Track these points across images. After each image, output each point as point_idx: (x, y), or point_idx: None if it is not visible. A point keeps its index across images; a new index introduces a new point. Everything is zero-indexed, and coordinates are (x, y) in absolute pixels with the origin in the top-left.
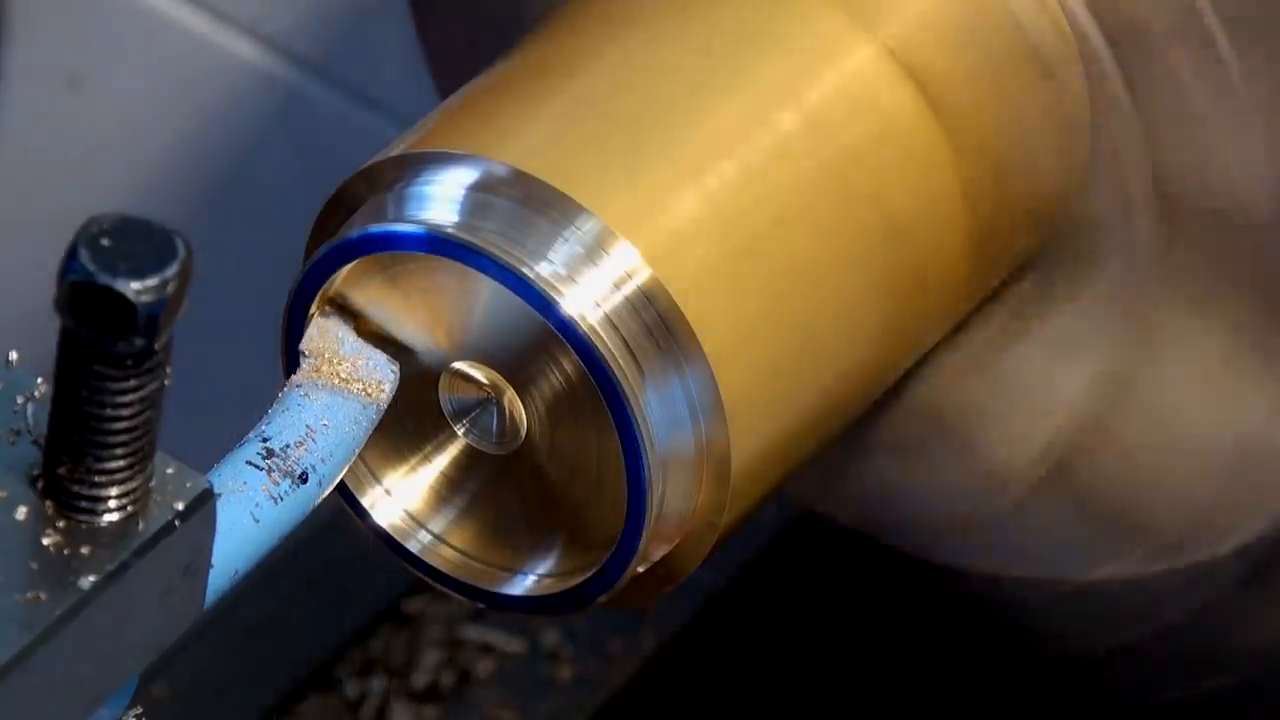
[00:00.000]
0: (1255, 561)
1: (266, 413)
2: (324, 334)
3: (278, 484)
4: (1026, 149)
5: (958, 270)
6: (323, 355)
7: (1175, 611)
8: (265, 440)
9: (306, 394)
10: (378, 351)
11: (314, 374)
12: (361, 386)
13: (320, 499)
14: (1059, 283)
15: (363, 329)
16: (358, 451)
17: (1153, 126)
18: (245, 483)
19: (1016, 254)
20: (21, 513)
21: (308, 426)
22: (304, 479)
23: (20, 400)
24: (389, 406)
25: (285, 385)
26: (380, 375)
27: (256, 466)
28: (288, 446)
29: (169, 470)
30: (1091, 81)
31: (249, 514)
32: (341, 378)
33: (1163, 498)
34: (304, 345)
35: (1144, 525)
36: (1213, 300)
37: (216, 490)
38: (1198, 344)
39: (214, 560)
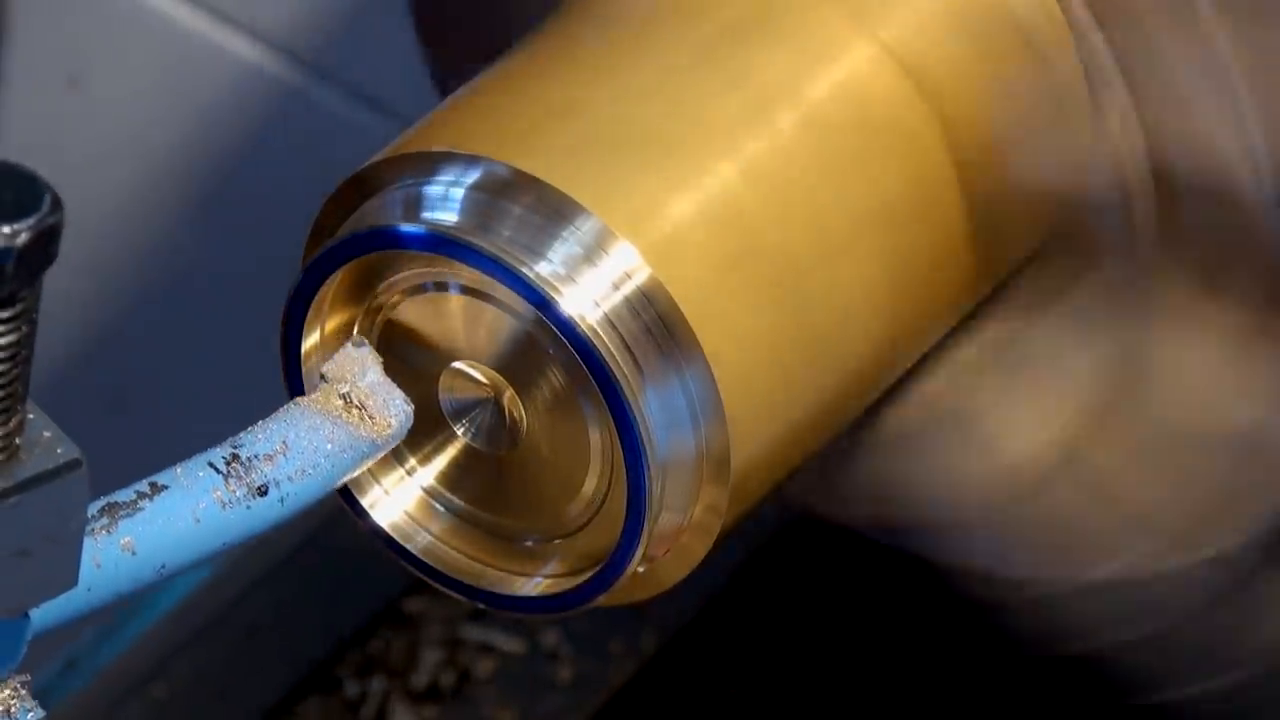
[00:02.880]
0: (1259, 559)
1: (270, 413)
2: (349, 362)
3: (232, 491)
4: (1026, 144)
5: (959, 267)
6: (339, 382)
7: (1178, 610)
8: (236, 446)
9: (300, 413)
10: (397, 391)
11: (321, 397)
12: (368, 420)
13: (284, 518)
14: (1062, 272)
15: (390, 367)
16: (341, 481)
17: (1147, 111)
18: (195, 482)
19: (1019, 249)
20: None
21: (284, 442)
22: (263, 492)
23: None
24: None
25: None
26: (391, 414)
27: (216, 469)
28: (255, 457)
29: (45, 434)
30: (1088, 72)
31: (190, 513)
32: (348, 406)
33: (1169, 490)
34: (325, 369)
35: (1149, 521)
36: (1218, 280)
37: (165, 483)
38: (1205, 325)
39: (139, 549)
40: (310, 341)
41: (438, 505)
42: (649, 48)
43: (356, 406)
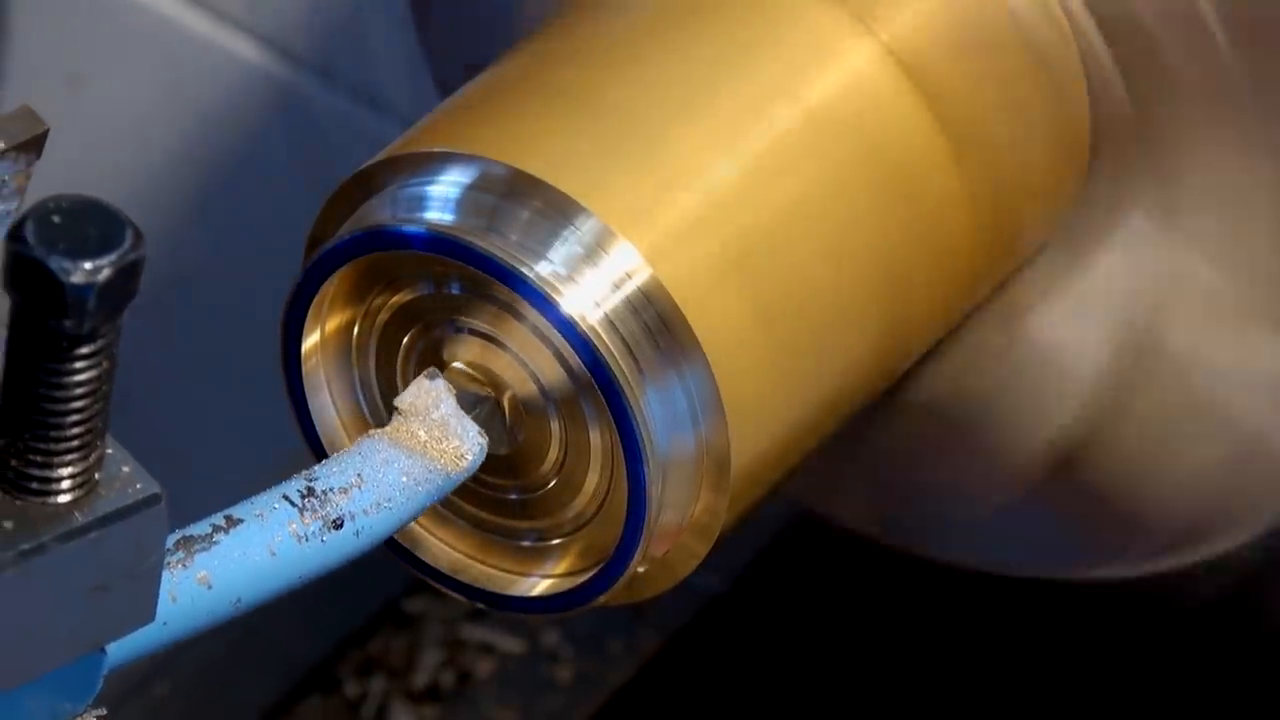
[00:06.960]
0: (1259, 559)
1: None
2: (423, 394)
3: (308, 525)
4: (1026, 146)
5: (959, 266)
6: (413, 415)
7: (1178, 609)
8: (311, 480)
9: (375, 446)
10: (471, 424)
11: (395, 430)
12: (441, 453)
13: (360, 551)
14: (1062, 272)
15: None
16: (416, 514)
17: (1150, 123)
18: (271, 515)
19: (1018, 250)
20: None
21: (359, 475)
22: (338, 525)
23: None
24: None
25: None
26: (466, 448)
27: (292, 503)
28: (330, 490)
29: (124, 469)
30: (1090, 78)
31: (266, 546)
32: (421, 440)
33: (1171, 487)
34: (398, 401)
35: (1149, 520)
36: (1216, 273)
37: (240, 516)
38: (1205, 321)
39: (215, 583)
40: (310, 341)
41: (438, 506)
42: (649, 48)
43: (431, 439)
